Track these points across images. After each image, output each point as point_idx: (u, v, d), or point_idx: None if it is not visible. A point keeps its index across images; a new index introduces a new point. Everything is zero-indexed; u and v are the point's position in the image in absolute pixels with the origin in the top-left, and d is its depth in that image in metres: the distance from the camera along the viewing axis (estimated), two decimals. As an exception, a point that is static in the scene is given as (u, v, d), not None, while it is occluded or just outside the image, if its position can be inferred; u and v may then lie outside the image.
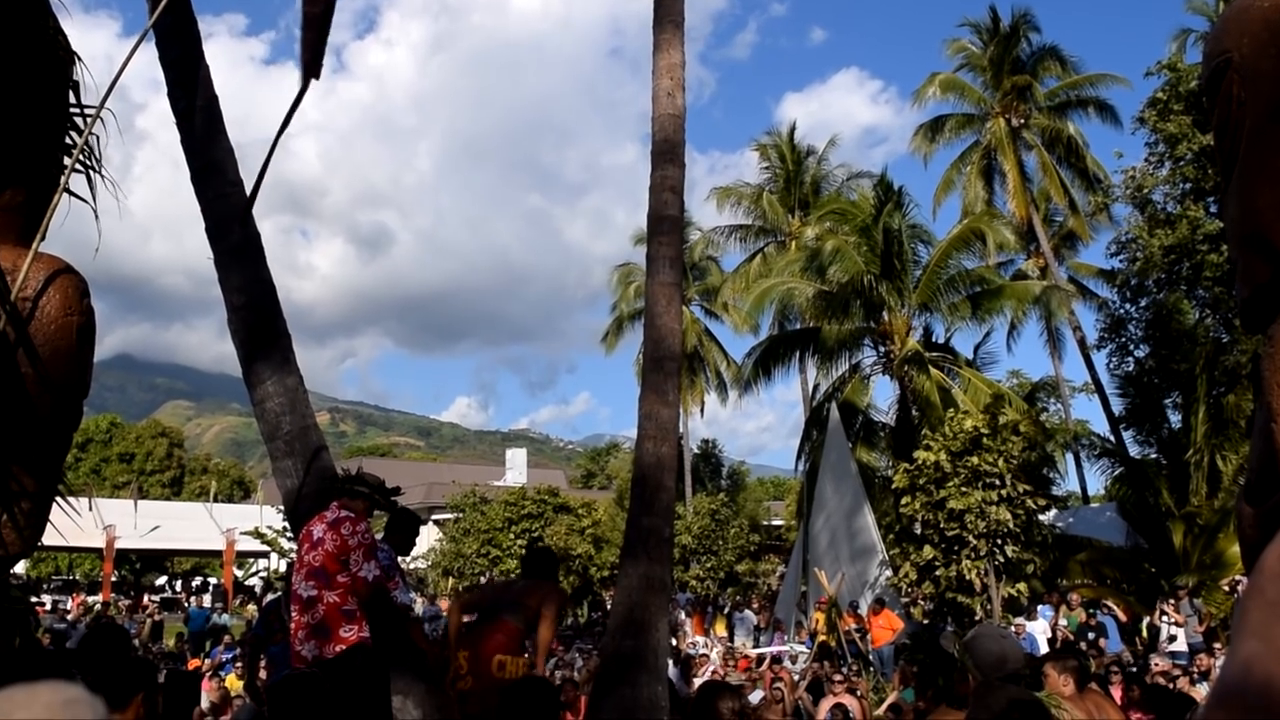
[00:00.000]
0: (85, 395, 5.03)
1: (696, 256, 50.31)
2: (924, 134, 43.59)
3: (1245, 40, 2.97)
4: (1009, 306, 33.24)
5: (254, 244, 8.40)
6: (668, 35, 10.64)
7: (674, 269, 9.70)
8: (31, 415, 4.58)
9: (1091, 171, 41.96)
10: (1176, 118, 29.58)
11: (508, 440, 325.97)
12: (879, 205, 32.11)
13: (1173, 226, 29.79)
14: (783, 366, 35.59)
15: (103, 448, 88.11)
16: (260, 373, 8.11)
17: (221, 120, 8.67)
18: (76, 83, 5.83)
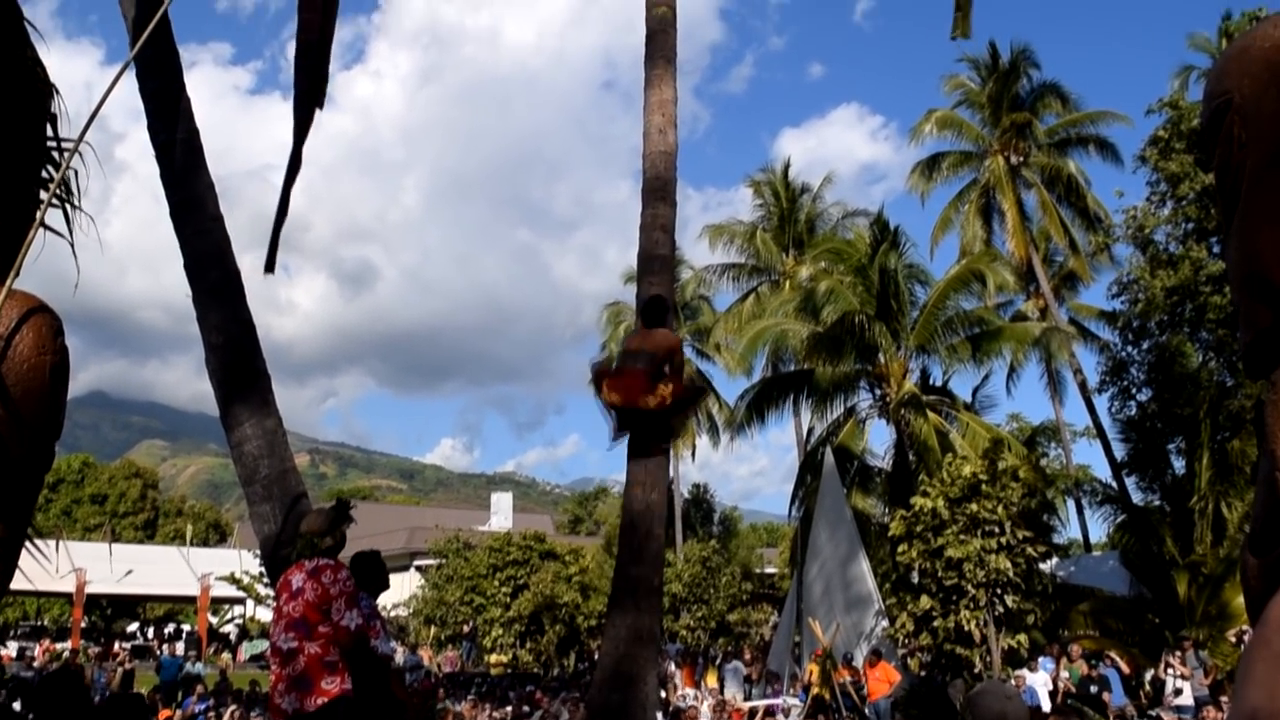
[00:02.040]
0: (58, 437, 5.00)
1: (688, 295, 50.33)
2: (921, 172, 43.72)
3: (1246, 81, 2.98)
4: (1008, 348, 33.30)
5: (234, 282, 8.41)
6: (660, 71, 10.72)
7: (664, 310, 9.72)
8: (2, 457, 4.55)
9: (1092, 211, 42.10)
10: (1178, 156, 29.73)
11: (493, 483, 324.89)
12: (875, 244, 32.21)
13: (1175, 267, 29.89)
14: (776, 409, 35.54)
15: (74, 488, 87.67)
16: (238, 414, 8.10)
17: (202, 154, 8.69)
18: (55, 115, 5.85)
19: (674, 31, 11.16)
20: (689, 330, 50.86)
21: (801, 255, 47.01)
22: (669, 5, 11.21)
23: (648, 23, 11.23)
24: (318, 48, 7.97)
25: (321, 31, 7.95)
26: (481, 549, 41.51)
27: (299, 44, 7.96)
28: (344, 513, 7.47)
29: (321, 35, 7.97)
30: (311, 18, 7.85)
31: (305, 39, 7.92)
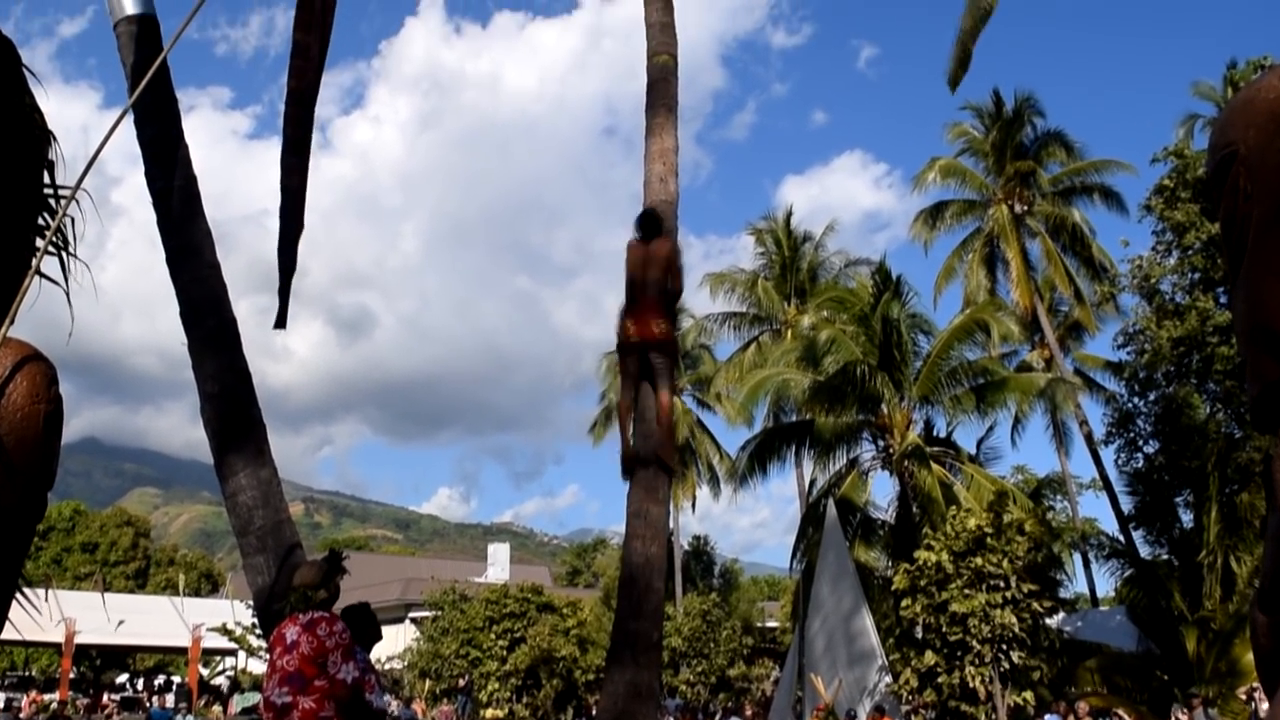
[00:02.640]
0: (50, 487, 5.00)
1: (689, 345, 50.35)
2: (924, 220, 43.83)
3: (1251, 132, 3.00)
4: (1013, 400, 33.29)
5: (230, 330, 8.42)
6: (660, 119, 10.77)
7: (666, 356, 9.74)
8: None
9: (1097, 260, 42.16)
10: (1184, 205, 29.84)
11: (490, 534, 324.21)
12: (877, 293, 32.26)
13: (1182, 318, 29.93)
14: (778, 460, 35.45)
15: (65, 536, 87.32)
16: (233, 464, 8.09)
17: (199, 201, 8.73)
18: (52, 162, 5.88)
19: (675, 80, 11.23)
20: (689, 380, 50.85)
21: (803, 304, 47.11)
22: (670, 54, 11.28)
23: (649, 71, 11.30)
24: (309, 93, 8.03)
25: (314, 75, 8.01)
26: (478, 601, 41.31)
27: (289, 91, 8.02)
28: (337, 564, 7.45)
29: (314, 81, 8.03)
30: (303, 64, 7.91)
31: (296, 86, 7.98)
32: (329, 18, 8.25)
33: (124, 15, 8.95)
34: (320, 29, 8.12)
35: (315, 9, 8.08)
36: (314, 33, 8.04)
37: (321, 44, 8.11)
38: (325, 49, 8.16)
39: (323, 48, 8.12)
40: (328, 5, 8.05)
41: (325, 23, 8.22)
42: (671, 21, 11.61)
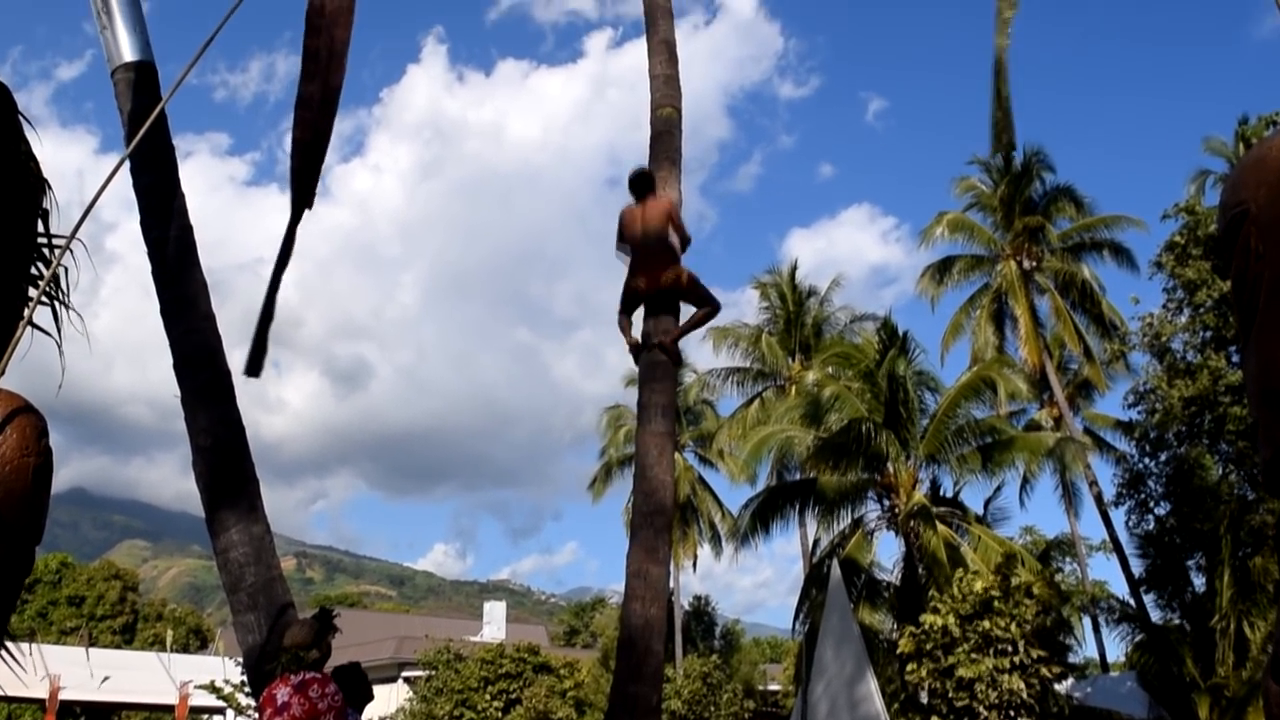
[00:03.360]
0: (39, 541, 5.01)
1: (691, 400, 50.37)
2: (931, 275, 43.92)
3: (1262, 191, 3.02)
4: (1021, 459, 33.25)
5: (224, 383, 8.43)
6: (664, 172, 10.82)
7: (666, 417, 9.75)
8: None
9: (1107, 317, 42.20)
10: (1195, 263, 29.92)
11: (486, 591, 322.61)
12: (883, 350, 32.30)
13: (1193, 377, 29.95)
14: (781, 519, 35.32)
15: (51, 589, 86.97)
16: (225, 520, 8.08)
17: (195, 251, 8.76)
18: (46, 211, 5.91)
19: (679, 132, 11.29)
20: (691, 436, 50.81)
21: (808, 360, 47.08)
22: (674, 106, 11.35)
23: (652, 123, 11.35)
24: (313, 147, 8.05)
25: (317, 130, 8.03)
26: (473, 660, 41.10)
27: (293, 142, 8.05)
28: (328, 623, 7.43)
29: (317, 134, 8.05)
30: (306, 115, 7.93)
31: (300, 137, 8.01)
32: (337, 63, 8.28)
33: (122, 62, 9.02)
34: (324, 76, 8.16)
35: (321, 58, 8.13)
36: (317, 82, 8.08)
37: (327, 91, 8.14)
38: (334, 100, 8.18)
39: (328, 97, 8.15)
40: (336, 51, 8.09)
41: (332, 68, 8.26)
42: (676, 73, 11.70)
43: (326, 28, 7.94)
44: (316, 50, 8.08)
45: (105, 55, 9.13)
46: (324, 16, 7.94)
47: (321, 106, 8.04)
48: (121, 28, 9.04)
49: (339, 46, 8.02)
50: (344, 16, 8.00)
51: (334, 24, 7.94)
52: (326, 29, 7.95)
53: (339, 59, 8.05)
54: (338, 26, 7.96)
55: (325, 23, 7.93)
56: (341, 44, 8.04)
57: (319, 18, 8.04)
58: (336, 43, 7.99)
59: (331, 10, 7.91)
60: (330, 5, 7.93)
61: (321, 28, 8.01)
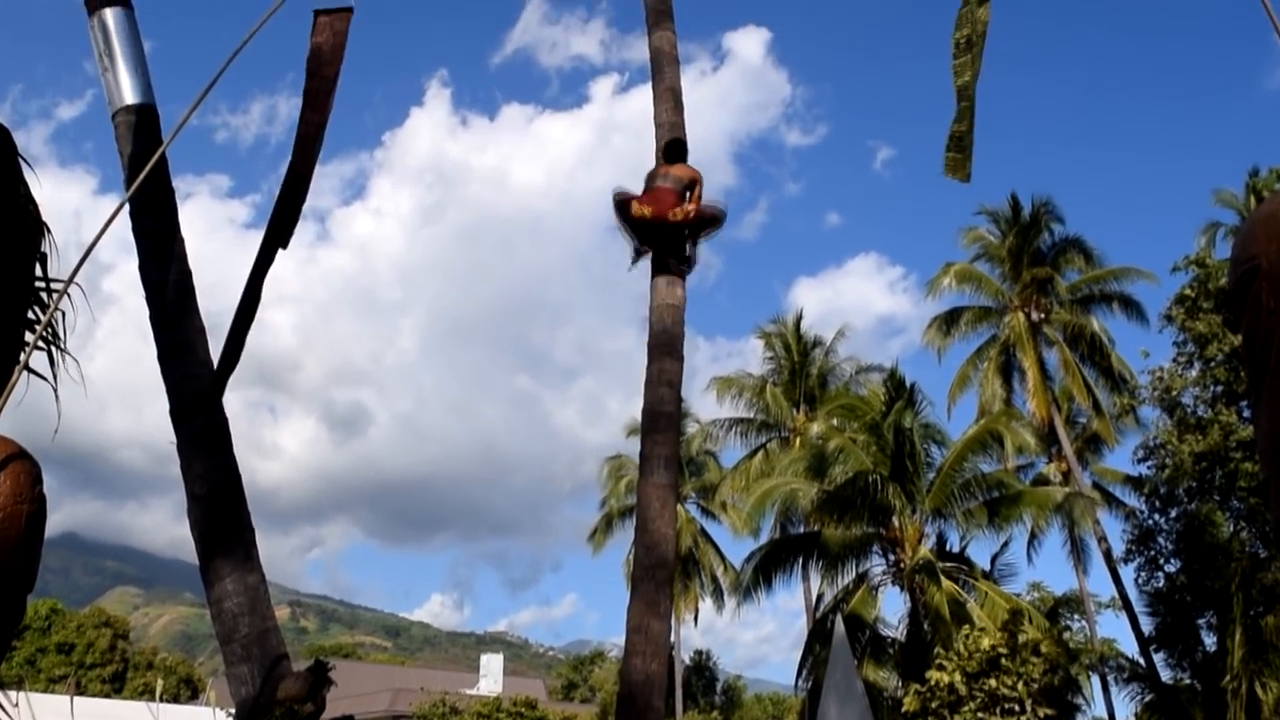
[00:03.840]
0: (31, 589, 4.99)
1: (694, 451, 50.31)
2: (938, 327, 43.95)
3: (1274, 246, 3.03)
4: (1029, 514, 33.13)
5: (220, 430, 8.43)
6: (669, 220, 10.85)
7: (669, 470, 9.75)
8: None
9: (1117, 371, 42.14)
10: (1206, 316, 29.95)
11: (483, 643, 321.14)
12: (889, 402, 32.28)
13: (1204, 432, 29.92)
14: (784, 573, 35.18)
15: (40, 636, 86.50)
16: (219, 569, 8.05)
17: (194, 296, 8.78)
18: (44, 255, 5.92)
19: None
20: (694, 487, 50.73)
21: (813, 411, 47.01)
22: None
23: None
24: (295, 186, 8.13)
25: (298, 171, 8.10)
26: (469, 714, 40.94)
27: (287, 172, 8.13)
28: (323, 676, 7.40)
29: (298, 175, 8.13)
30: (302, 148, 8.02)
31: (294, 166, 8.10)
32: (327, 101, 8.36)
33: (123, 105, 9.06)
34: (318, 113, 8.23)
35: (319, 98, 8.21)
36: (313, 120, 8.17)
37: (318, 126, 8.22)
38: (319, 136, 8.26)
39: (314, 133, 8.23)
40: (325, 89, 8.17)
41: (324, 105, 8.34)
42: (681, 120, 11.76)
43: (323, 67, 8.04)
44: (316, 92, 8.19)
45: (106, 97, 9.17)
46: (322, 60, 8.05)
47: (313, 140, 8.12)
48: (123, 70, 9.10)
49: (328, 84, 8.12)
50: (338, 54, 8.11)
51: (326, 63, 8.04)
52: (323, 68, 8.06)
53: (327, 96, 8.14)
54: (329, 65, 8.06)
55: (323, 63, 8.04)
56: (331, 81, 8.14)
57: (318, 62, 8.15)
58: (325, 80, 8.08)
59: (329, 49, 8.01)
60: (329, 45, 8.03)
61: (320, 71, 8.13)
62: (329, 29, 8.17)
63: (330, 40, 8.12)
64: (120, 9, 9.12)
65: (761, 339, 51.63)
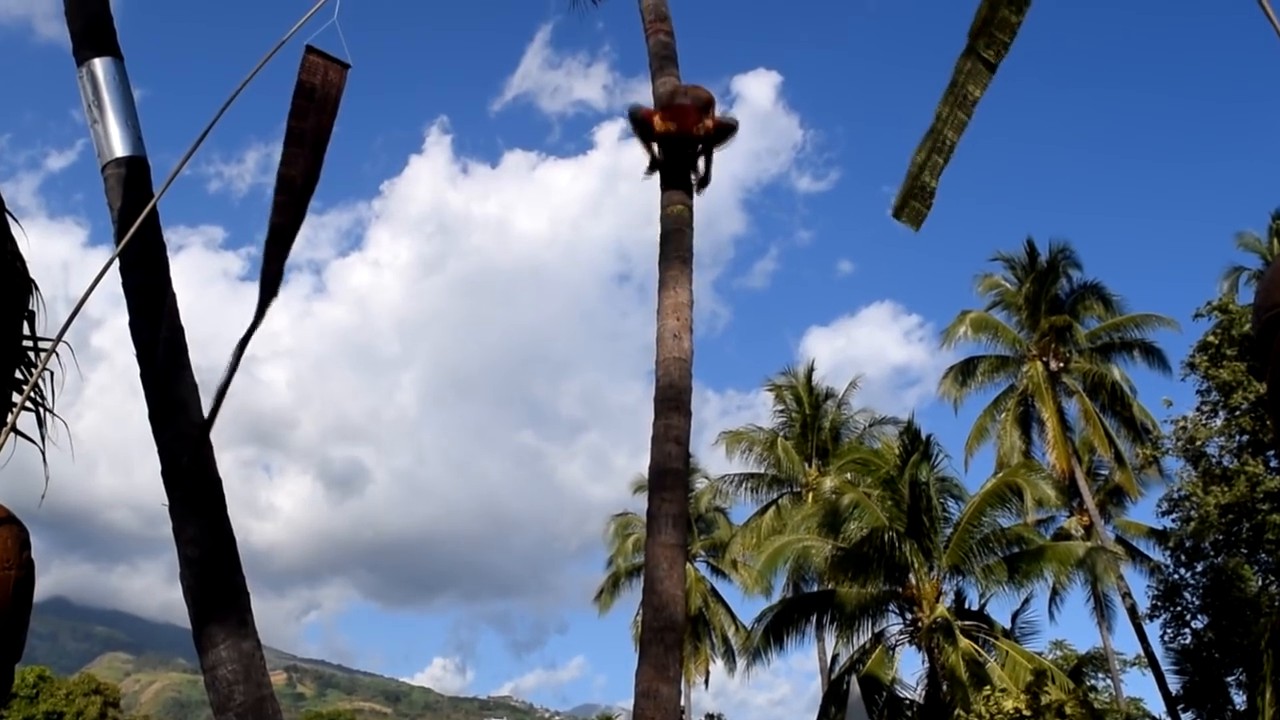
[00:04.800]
0: (18, 658, 4.98)
1: (703, 507, 50.16)
2: (954, 377, 43.96)
3: (1298, 292, 3.03)
4: (1050, 570, 33.01)
5: (213, 491, 8.40)
6: (675, 272, 10.89)
7: (677, 528, 9.72)
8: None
9: (1139, 421, 42.08)
10: (1230, 363, 29.94)
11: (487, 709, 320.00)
12: (904, 455, 32.24)
13: (1230, 483, 29.84)
14: (798, 633, 35.04)
15: (27, 704, 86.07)
16: (213, 635, 8.01)
17: (186, 354, 8.76)
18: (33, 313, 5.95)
19: (690, 231, 11.37)
20: (703, 545, 50.56)
21: (825, 465, 46.91)
22: (685, 204, 11.44)
23: (662, 221, 11.44)
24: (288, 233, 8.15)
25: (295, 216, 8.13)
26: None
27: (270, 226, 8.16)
28: None
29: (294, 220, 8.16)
30: (287, 200, 8.04)
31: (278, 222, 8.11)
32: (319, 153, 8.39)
33: (112, 157, 9.05)
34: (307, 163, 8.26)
35: (306, 143, 8.23)
36: (299, 166, 8.19)
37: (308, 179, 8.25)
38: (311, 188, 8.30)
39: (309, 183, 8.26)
40: (319, 140, 8.19)
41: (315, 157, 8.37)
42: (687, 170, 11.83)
43: (314, 113, 8.06)
44: (302, 134, 8.20)
45: (95, 149, 9.16)
46: (313, 101, 8.06)
47: (301, 193, 8.15)
48: (113, 121, 9.09)
49: (322, 135, 8.15)
50: (331, 106, 8.14)
51: (321, 111, 8.06)
52: (314, 114, 8.08)
53: (320, 148, 8.17)
54: (324, 114, 8.09)
55: (313, 107, 8.06)
56: (325, 133, 8.18)
57: (307, 100, 8.16)
58: (321, 131, 8.12)
59: (321, 97, 8.03)
60: (320, 92, 8.06)
61: (309, 111, 8.14)
62: (321, 74, 8.20)
63: (323, 89, 8.14)
64: (110, 59, 9.14)
65: (772, 391, 51.56)
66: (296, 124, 8.19)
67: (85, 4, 9.19)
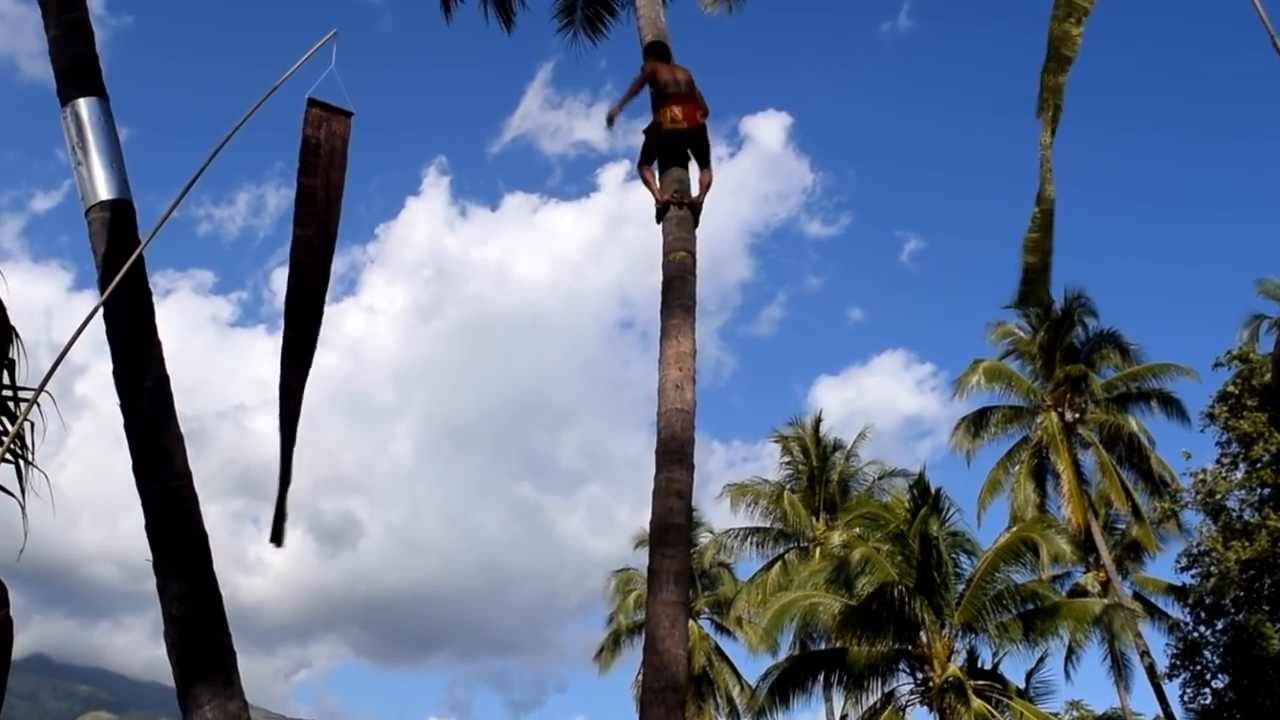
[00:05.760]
0: (-2, 717, 4.96)
1: (707, 563, 49.96)
2: (966, 428, 43.88)
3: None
4: (1066, 627, 32.87)
5: (200, 547, 8.36)
6: (677, 320, 10.89)
7: (679, 585, 9.69)
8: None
9: (1157, 473, 41.95)
10: (1251, 414, 29.94)
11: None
12: (914, 509, 32.16)
13: (1251, 538, 29.80)
14: (804, 693, 34.88)
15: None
16: (198, 696, 7.97)
17: (171, 404, 8.73)
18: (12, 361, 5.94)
19: (693, 278, 11.38)
20: (707, 602, 50.34)
21: (833, 519, 46.74)
22: (688, 250, 11.46)
23: (665, 269, 11.45)
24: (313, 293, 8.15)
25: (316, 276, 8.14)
26: None
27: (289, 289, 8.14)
28: None
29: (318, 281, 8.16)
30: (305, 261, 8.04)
31: (297, 284, 8.10)
32: (334, 208, 8.41)
33: (97, 201, 8.99)
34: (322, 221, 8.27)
35: (318, 200, 8.25)
36: (314, 225, 8.20)
37: (325, 238, 8.26)
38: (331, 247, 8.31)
39: (327, 242, 8.28)
40: (332, 195, 8.22)
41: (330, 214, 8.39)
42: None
43: (323, 168, 8.08)
44: (313, 191, 8.22)
45: (80, 193, 9.11)
46: (320, 156, 8.08)
47: (320, 253, 8.16)
48: (97, 163, 9.03)
49: (334, 190, 8.16)
50: (339, 159, 8.16)
51: (330, 165, 8.08)
52: (323, 169, 8.10)
53: (335, 204, 8.18)
54: (333, 169, 8.11)
55: (321, 163, 8.08)
56: (337, 188, 8.19)
57: (314, 156, 8.18)
58: (333, 186, 8.13)
59: (327, 151, 8.05)
60: (326, 145, 8.08)
61: (318, 167, 8.16)
62: (324, 127, 8.23)
63: (329, 142, 8.17)
64: (95, 99, 9.12)
65: (778, 443, 51.38)
66: (307, 181, 8.22)
67: (70, 42, 9.16)
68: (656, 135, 12.20)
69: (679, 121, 11.97)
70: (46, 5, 9.20)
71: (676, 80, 12.23)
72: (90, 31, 9.36)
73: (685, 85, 12.25)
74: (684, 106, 12.02)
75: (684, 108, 12.01)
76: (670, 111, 11.99)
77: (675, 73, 12.35)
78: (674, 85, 12.19)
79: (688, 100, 12.16)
